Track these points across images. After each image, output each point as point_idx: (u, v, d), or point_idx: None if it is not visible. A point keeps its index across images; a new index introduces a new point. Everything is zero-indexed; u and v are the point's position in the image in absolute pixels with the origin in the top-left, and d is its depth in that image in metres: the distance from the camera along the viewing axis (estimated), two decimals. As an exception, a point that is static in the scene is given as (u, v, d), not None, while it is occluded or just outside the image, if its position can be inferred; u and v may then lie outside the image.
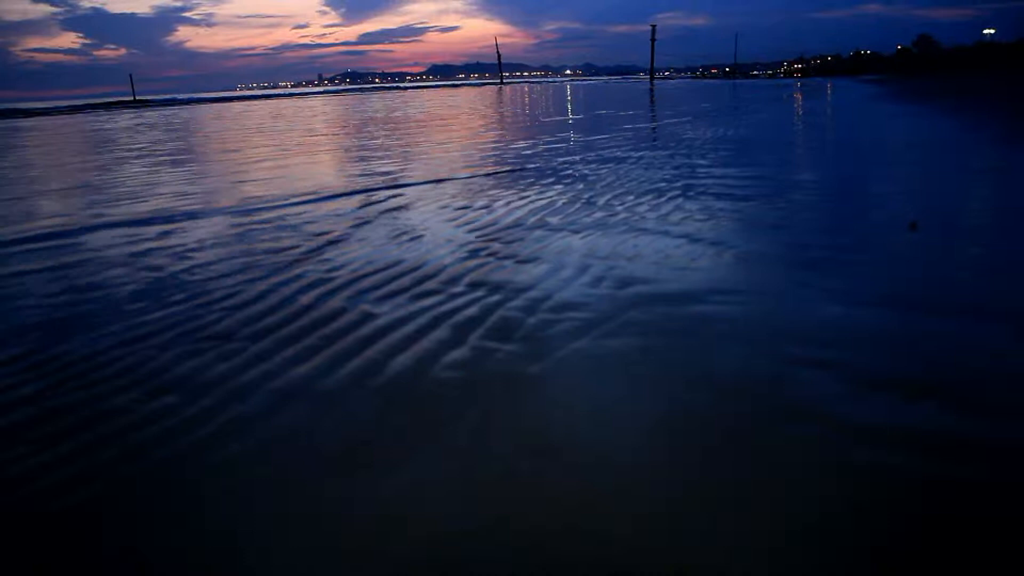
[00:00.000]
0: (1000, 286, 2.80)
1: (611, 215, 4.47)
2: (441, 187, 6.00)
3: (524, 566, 1.31)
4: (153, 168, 8.67)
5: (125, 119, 25.33)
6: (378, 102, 32.78)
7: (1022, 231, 3.81)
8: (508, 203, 5.06)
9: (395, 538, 1.41)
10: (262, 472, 1.67)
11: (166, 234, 4.52)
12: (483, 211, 4.80)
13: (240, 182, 6.94)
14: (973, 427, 1.73)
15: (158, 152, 11.04)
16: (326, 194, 5.84)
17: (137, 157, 10.30)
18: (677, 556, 1.32)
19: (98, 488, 1.62)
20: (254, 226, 4.63)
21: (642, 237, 3.83)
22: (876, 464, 1.58)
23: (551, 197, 5.25)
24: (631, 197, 5.09)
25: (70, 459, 1.75)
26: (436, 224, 4.46)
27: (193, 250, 4.01)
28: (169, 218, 5.10)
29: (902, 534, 1.37)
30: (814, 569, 1.28)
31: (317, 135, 13.28)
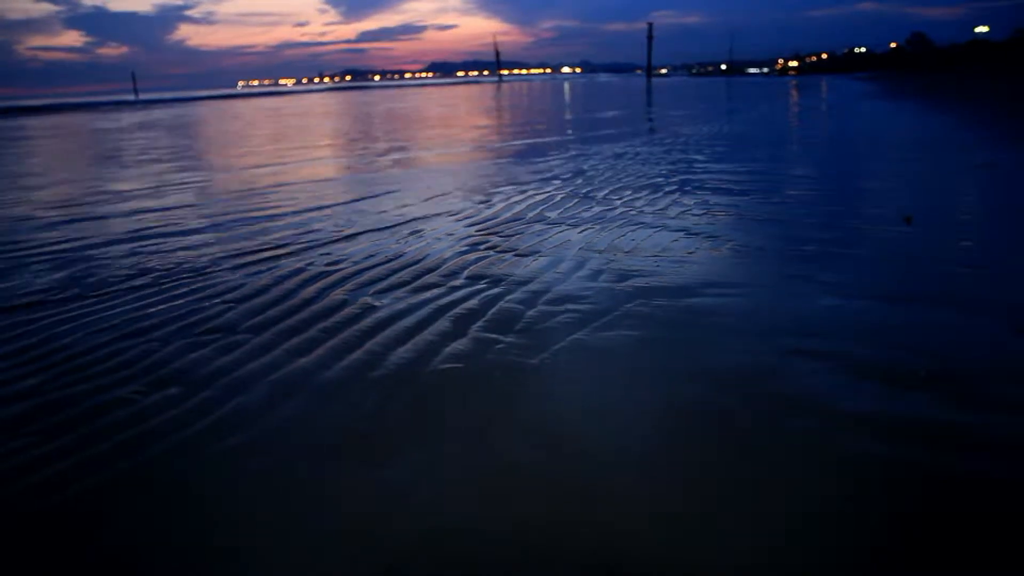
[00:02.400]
0: (993, 279, 2.82)
1: (609, 209, 4.49)
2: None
3: (523, 556, 1.33)
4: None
5: (135, 119, 25.23)
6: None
7: (1014, 225, 3.84)
8: (508, 198, 5.07)
9: (396, 529, 1.41)
10: (264, 463, 1.68)
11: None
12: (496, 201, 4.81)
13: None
14: (970, 419, 1.75)
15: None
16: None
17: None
18: (675, 548, 1.34)
19: (97, 481, 1.63)
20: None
21: (640, 231, 3.85)
22: (873, 454, 1.60)
23: (549, 192, 5.26)
24: (629, 192, 5.11)
25: (70, 451, 1.76)
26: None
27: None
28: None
29: (899, 527, 1.38)
30: (813, 562, 1.29)
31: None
